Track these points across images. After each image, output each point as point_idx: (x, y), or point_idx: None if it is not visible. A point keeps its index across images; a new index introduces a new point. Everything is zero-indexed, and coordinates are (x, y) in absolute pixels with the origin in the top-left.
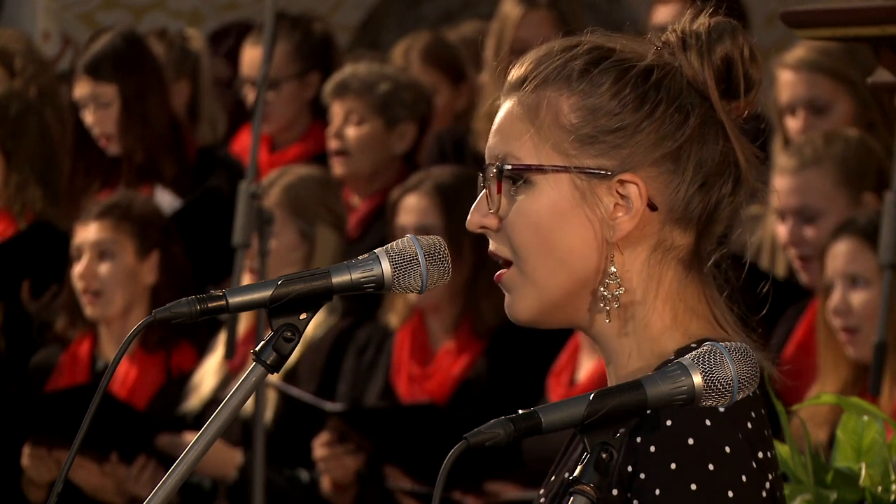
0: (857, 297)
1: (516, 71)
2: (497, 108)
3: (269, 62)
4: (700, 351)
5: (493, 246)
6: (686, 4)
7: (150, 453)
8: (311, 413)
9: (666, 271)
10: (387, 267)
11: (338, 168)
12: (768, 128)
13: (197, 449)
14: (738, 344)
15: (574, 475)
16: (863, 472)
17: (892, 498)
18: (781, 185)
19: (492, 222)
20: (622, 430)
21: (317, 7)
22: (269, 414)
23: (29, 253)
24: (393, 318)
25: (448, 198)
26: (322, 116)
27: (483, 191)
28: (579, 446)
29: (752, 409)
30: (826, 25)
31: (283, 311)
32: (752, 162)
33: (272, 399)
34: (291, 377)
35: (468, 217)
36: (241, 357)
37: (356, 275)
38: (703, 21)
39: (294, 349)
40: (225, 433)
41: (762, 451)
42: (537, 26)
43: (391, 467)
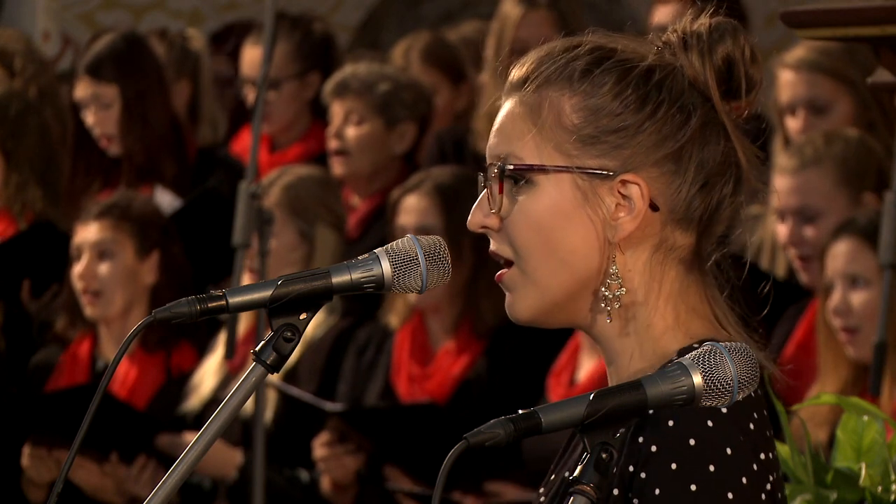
0: (857, 297)
1: (517, 71)
2: (497, 109)
3: (270, 62)
4: (700, 351)
5: (494, 246)
6: (686, 4)
7: (150, 453)
8: (311, 413)
9: (667, 272)
10: (387, 267)
11: (338, 168)
12: (768, 128)
13: (197, 449)
14: (738, 344)
15: (574, 475)
16: (863, 472)
17: (893, 498)
18: (781, 185)
19: (493, 222)
20: (622, 430)
21: (317, 7)
22: (269, 414)
23: (29, 253)
24: (393, 318)
25: (448, 198)
26: (322, 116)
27: (484, 191)
28: (580, 445)
29: (754, 411)
30: (826, 25)
31: (283, 311)
32: (753, 162)
33: (272, 399)
34: (291, 377)
35: (469, 217)
36: (241, 357)
37: (356, 275)
38: (704, 21)
39: (294, 349)
40: (225, 433)
41: (763, 453)
42: (537, 26)
43: (391, 467)
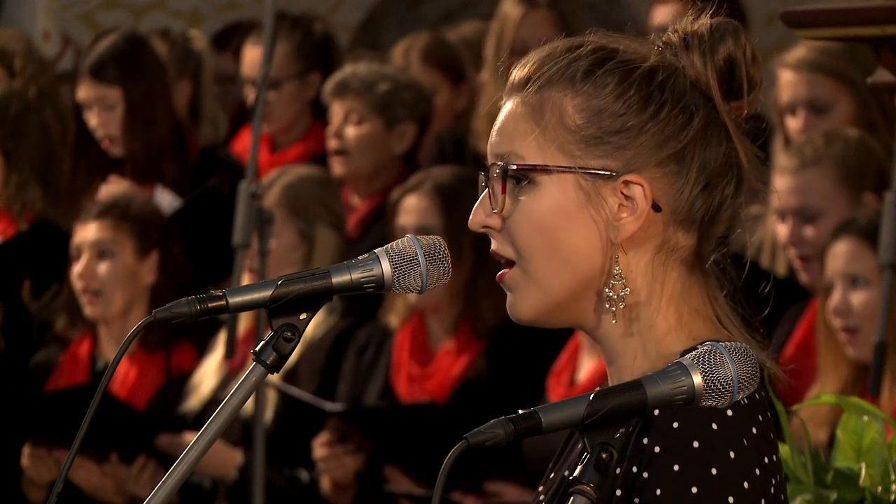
0: (857, 297)
1: (519, 71)
2: (498, 109)
3: (270, 62)
4: (700, 351)
5: (495, 245)
6: (686, 4)
7: (150, 453)
8: (311, 413)
9: (670, 272)
10: (387, 267)
11: (337, 168)
12: (768, 128)
13: (197, 449)
14: (739, 344)
15: (574, 475)
16: (863, 472)
17: (893, 498)
18: (781, 184)
19: (495, 222)
20: (622, 430)
21: (317, 7)
22: (269, 414)
23: (30, 252)
24: (393, 318)
25: (448, 198)
26: (323, 117)
27: (485, 190)
28: (579, 443)
29: (758, 413)
30: (826, 25)
31: (283, 311)
32: (754, 163)
33: (272, 399)
34: (291, 377)
35: (471, 216)
36: (241, 357)
37: (356, 275)
38: (705, 22)
39: (294, 349)
40: (225, 433)
41: (767, 456)
42: (537, 26)
43: (391, 467)
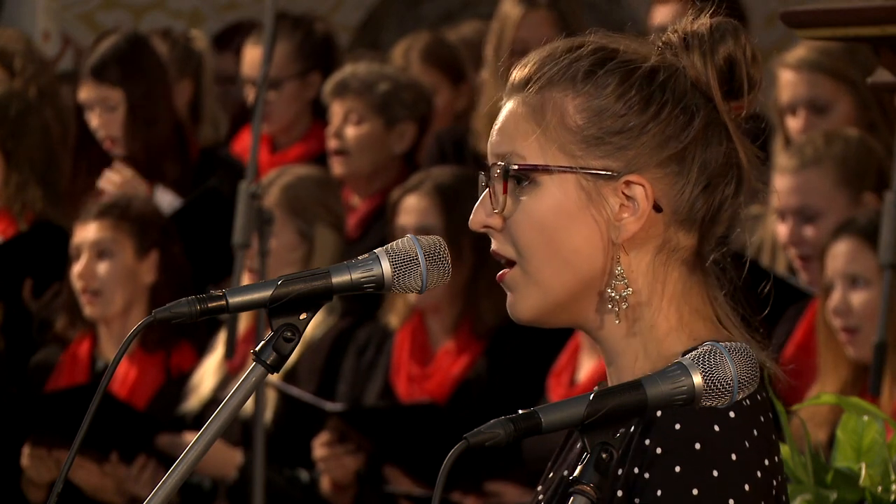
0: (857, 297)
1: (519, 72)
2: (498, 110)
3: (269, 62)
4: (700, 351)
5: (495, 245)
6: (686, 4)
7: (150, 453)
8: (311, 413)
9: (671, 272)
10: (387, 267)
11: (337, 168)
12: (768, 128)
13: (197, 449)
14: (739, 344)
15: (574, 475)
16: (863, 472)
17: (892, 498)
18: (781, 184)
19: (496, 222)
20: (622, 430)
21: (317, 7)
22: (269, 414)
23: (32, 251)
24: (393, 318)
25: (448, 198)
26: (323, 117)
27: (486, 190)
28: (578, 442)
29: (760, 414)
30: (826, 25)
31: (283, 311)
32: (754, 163)
33: (272, 399)
34: (291, 377)
35: (471, 216)
36: (241, 357)
37: (356, 275)
38: (705, 22)
39: (294, 349)
40: (225, 433)
41: (768, 458)
42: (537, 26)
43: (391, 467)
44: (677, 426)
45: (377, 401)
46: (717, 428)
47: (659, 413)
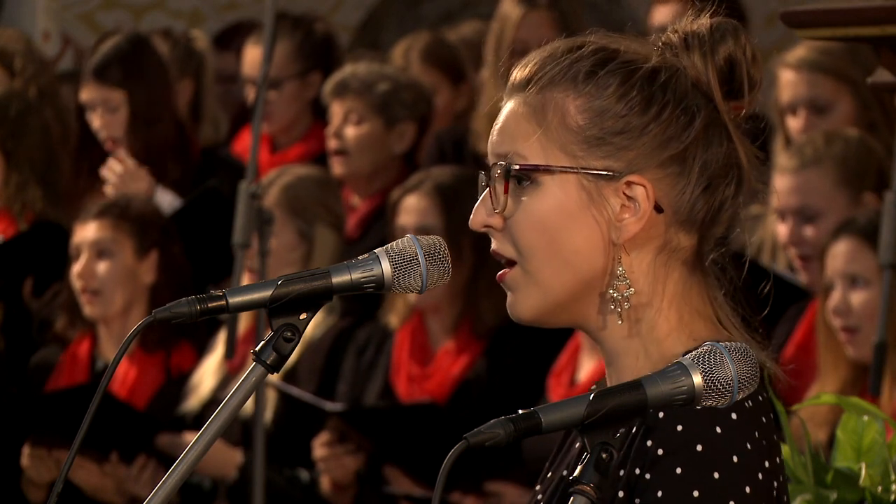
0: (857, 297)
1: (520, 72)
2: (498, 110)
3: (269, 62)
4: (700, 351)
5: (495, 245)
6: (686, 4)
7: (150, 453)
8: (311, 413)
9: (671, 273)
10: (387, 267)
11: (337, 168)
12: (768, 128)
13: (197, 449)
14: (739, 344)
15: (574, 475)
16: (863, 472)
17: (892, 498)
18: (782, 184)
19: (496, 222)
20: (623, 430)
21: (317, 7)
22: (269, 414)
23: (33, 251)
24: (393, 318)
25: (448, 198)
26: (323, 117)
27: (486, 190)
28: (576, 442)
29: (762, 415)
30: (826, 25)
31: (283, 311)
32: (754, 163)
33: (272, 399)
34: (291, 377)
35: (472, 216)
36: (241, 357)
37: (356, 275)
38: (705, 22)
39: (294, 349)
40: (225, 433)
41: (769, 460)
42: (537, 27)
43: (391, 467)
44: (679, 427)
45: (377, 401)
46: (718, 430)
47: (661, 414)
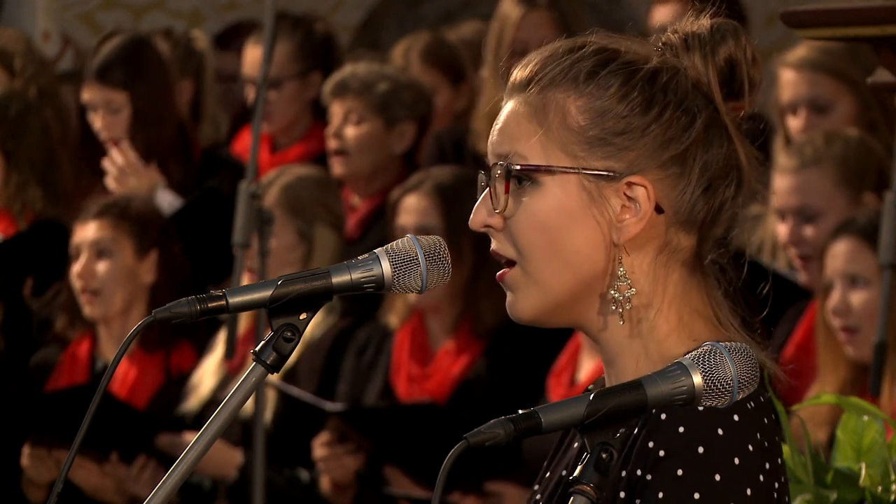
0: (857, 297)
1: (520, 72)
2: (498, 110)
3: (269, 62)
4: (700, 351)
5: (495, 245)
6: (686, 4)
7: (150, 453)
8: (311, 413)
9: (671, 274)
10: (387, 267)
11: (337, 168)
12: (767, 128)
13: (197, 449)
14: (739, 344)
15: (574, 475)
16: (863, 472)
17: (893, 498)
18: (782, 184)
19: (497, 222)
20: (623, 430)
21: (317, 7)
22: (269, 414)
23: (34, 250)
24: (393, 318)
25: (448, 198)
26: (324, 117)
27: (486, 190)
28: (574, 442)
29: (764, 416)
30: (826, 25)
31: (283, 311)
32: (754, 164)
33: (272, 399)
34: (291, 377)
35: (472, 216)
36: (241, 357)
37: (356, 275)
38: (705, 23)
39: (294, 349)
40: (225, 433)
41: (770, 461)
42: (537, 27)
43: (391, 467)
44: (681, 429)
45: (377, 401)
46: (720, 431)
47: (663, 416)
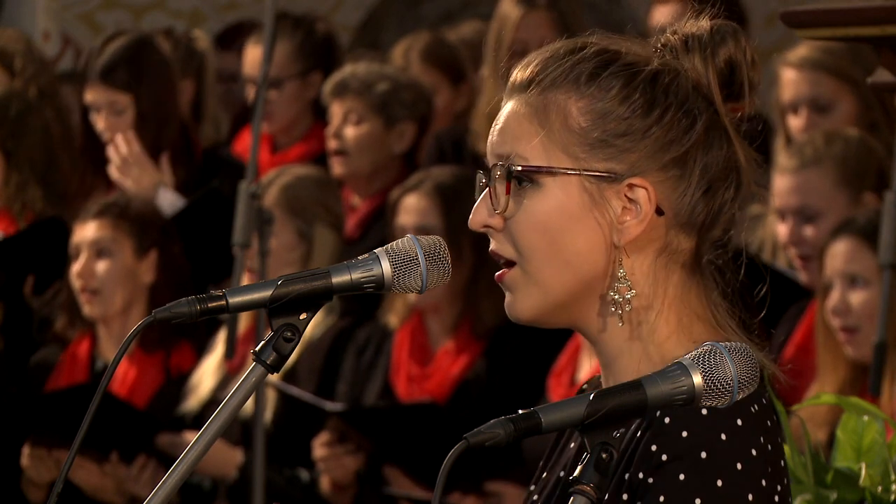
0: (857, 297)
1: (521, 72)
2: (497, 110)
3: (269, 62)
4: (700, 351)
5: (494, 245)
6: (686, 5)
7: (150, 453)
8: (311, 413)
9: (671, 276)
10: (387, 267)
11: (337, 168)
12: (766, 128)
13: (197, 449)
14: (738, 344)
15: (574, 475)
16: (863, 472)
17: (893, 498)
18: (782, 184)
19: (497, 222)
20: (622, 429)
21: (317, 7)
22: (269, 414)
23: (35, 248)
24: (392, 318)
25: (448, 198)
26: (324, 117)
27: (485, 190)
28: (571, 442)
29: (767, 419)
30: (826, 25)
31: (283, 311)
32: (753, 166)
33: (272, 399)
34: (290, 377)
35: (471, 216)
36: (241, 357)
37: (356, 275)
38: (704, 24)
39: (294, 349)
40: (225, 433)
41: (773, 465)
42: (536, 27)
43: (391, 467)
44: (684, 434)
45: (377, 401)
46: (723, 436)
47: (667, 419)
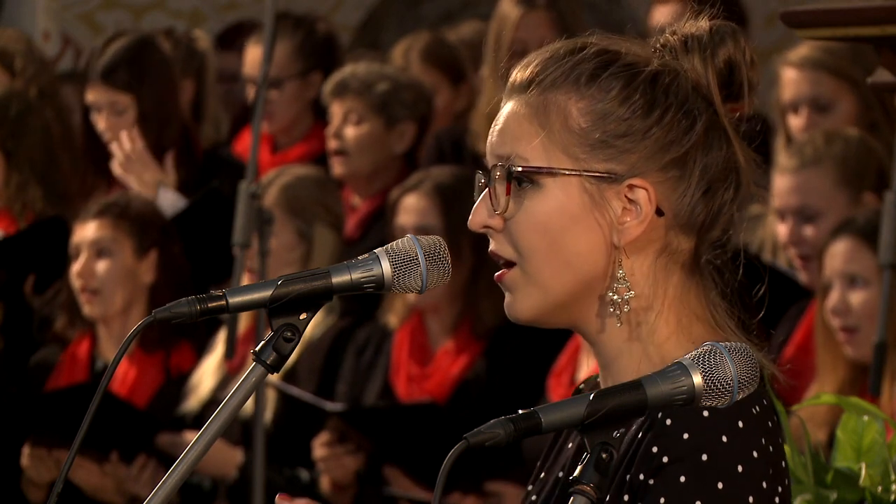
0: (856, 297)
1: (521, 73)
2: (497, 110)
3: (269, 62)
4: (700, 351)
5: (494, 246)
6: (686, 5)
7: (150, 453)
8: (311, 413)
9: (671, 276)
10: (387, 267)
11: (337, 168)
12: (765, 128)
13: (197, 449)
14: (738, 344)
15: (574, 475)
16: (863, 472)
17: (893, 498)
18: (781, 184)
19: (496, 223)
20: (622, 429)
21: (317, 7)
22: (269, 414)
23: (36, 246)
24: (392, 318)
25: (448, 198)
26: (324, 117)
27: (485, 190)
28: (569, 442)
29: (768, 420)
30: (826, 25)
31: (283, 311)
32: (752, 167)
33: (272, 399)
34: (290, 377)
35: (471, 216)
36: (241, 357)
37: (356, 275)
38: (704, 24)
39: (294, 349)
40: (225, 433)
41: (774, 466)
42: (536, 27)
43: (391, 467)
44: (686, 436)
45: (377, 401)
46: (724, 438)
47: (669, 421)
